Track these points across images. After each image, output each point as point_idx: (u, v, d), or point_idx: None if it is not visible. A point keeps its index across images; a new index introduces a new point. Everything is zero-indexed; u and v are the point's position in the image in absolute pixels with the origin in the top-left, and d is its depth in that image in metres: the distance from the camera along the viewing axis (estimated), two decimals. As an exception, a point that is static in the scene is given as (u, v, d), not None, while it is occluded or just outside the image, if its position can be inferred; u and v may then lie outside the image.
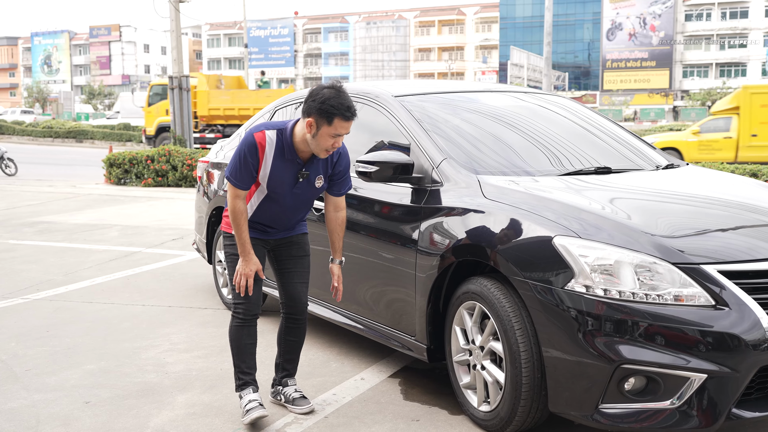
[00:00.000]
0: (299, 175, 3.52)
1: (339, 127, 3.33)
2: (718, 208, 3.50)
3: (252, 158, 3.43)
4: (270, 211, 3.62)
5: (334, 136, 3.35)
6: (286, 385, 3.84)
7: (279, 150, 3.45)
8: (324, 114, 3.31)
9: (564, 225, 3.17)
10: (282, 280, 3.79)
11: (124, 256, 7.90)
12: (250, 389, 3.65)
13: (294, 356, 3.87)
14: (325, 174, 3.62)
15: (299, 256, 3.78)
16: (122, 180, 15.70)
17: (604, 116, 4.92)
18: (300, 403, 3.75)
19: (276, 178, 3.49)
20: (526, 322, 3.19)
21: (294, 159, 3.48)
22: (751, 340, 2.88)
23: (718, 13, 74.34)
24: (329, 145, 3.39)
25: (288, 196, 3.57)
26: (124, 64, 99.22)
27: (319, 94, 3.33)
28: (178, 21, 17.25)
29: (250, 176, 3.46)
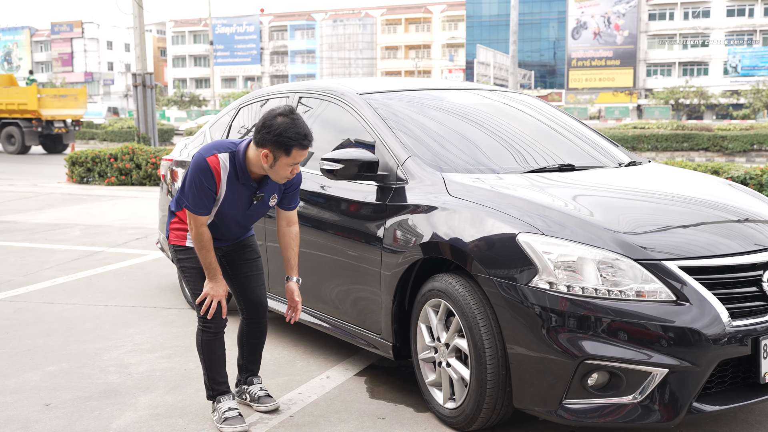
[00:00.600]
0: (254, 198, 3.43)
1: (297, 156, 3.24)
2: (679, 205, 3.54)
3: (209, 183, 3.29)
4: (218, 231, 3.52)
5: (291, 165, 3.27)
6: (251, 384, 3.81)
7: (233, 173, 3.33)
8: (281, 146, 3.20)
9: (528, 222, 3.19)
10: (240, 286, 3.70)
11: (87, 255, 7.79)
12: (229, 396, 3.59)
13: (257, 356, 3.84)
14: (279, 192, 3.55)
15: (253, 259, 3.71)
16: (85, 179, 15.49)
17: (568, 114, 4.96)
18: (265, 401, 3.72)
19: (229, 203, 3.39)
20: (491, 318, 3.20)
21: (249, 183, 3.38)
22: (711, 335, 2.92)
23: (680, 12, 75.41)
24: (287, 174, 3.30)
25: (240, 218, 3.50)
26: (87, 61, 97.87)
27: (273, 125, 3.20)
28: (141, 17, 17.06)
29: (211, 200, 3.33)
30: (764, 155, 25.76)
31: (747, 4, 73.12)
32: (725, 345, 2.94)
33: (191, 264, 3.55)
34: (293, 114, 3.25)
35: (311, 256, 4.31)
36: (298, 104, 4.79)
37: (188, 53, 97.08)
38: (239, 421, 3.49)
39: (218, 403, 3.57)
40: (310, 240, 4.29)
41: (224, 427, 3.47)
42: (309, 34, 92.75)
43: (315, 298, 4.36)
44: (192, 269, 3.55)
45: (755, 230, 3.34)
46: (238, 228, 3.60)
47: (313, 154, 4.52)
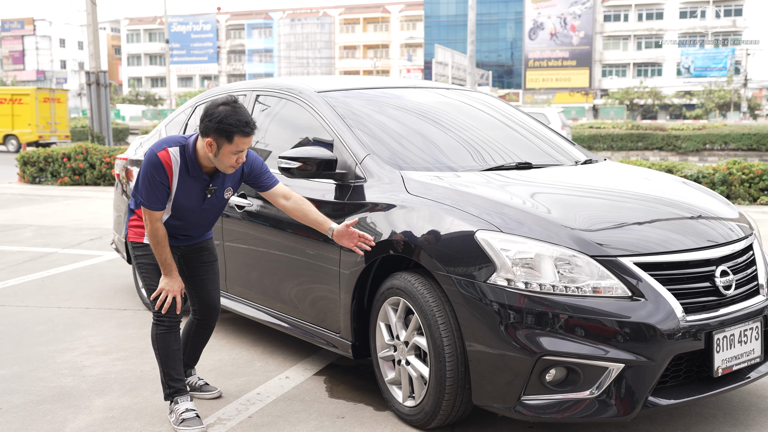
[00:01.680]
0: (207, 191, 3.43)
1: (240, 143, 3.25)
2: (634, 202, 3.58)
3: (161, 177, 3.30)
4: (176, 228, 3.53)
5: (236, 152, 3.27)
6: (189, 375, 3.88)
7: (183, 168, 3.34)
8: (223, 133, 3.21)
9: (486, 219, 3.20)
10: (196, 288, 3.72)
11: (39, 257, 7.64)
12: (186, 397, 3.54)
13: (198, 354, 3.91)
14: (234, 184, 3.54)
15: (210, 262, 3.73)
16: (37, 179, 15.19)
17: (525, 112, 4.99)
18: (207, 389, 3.83)
19: (182, 197, 3.39)
20: (450, 316, 3.20)
21: (200, 176, 3.38)
22: (666, 330, 2.96)
23: (635, 14, 76.62)
24: (233, 162, 3.30)
25: (196, 213, 3.49)
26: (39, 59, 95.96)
27: (215, 114, 3.22)
28: (95, 15, 16.77)
29: (164, 194, 3.34)
30: (716, 154, 26.30)
31: (699, 6, 74.60)
32: (679, 340, 2.99)
33: (148, 260, 3.53)
34: (235, 103, 3.28)
35: (270, 255, 4.28)
36: (255, 102, 4.75)
37: (143, 51, 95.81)
38: (197, 422, 3.45)
39: (175, 404, 3.52)
40: (269, 239, 4.26)
41: (181, 429, 3.43)
42: (267, 33, 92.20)
43: (274, 297, 4.32)
44: (149, 265, 3.54)
45: (708, 227, 3.40)
46: (198, 225, 3.59)
47: (271, 153, 4.49)
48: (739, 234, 3.47)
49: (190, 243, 3.66)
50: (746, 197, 11.01)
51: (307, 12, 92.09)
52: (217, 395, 3.84)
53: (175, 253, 3.59)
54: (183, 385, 3.57)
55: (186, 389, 3.57)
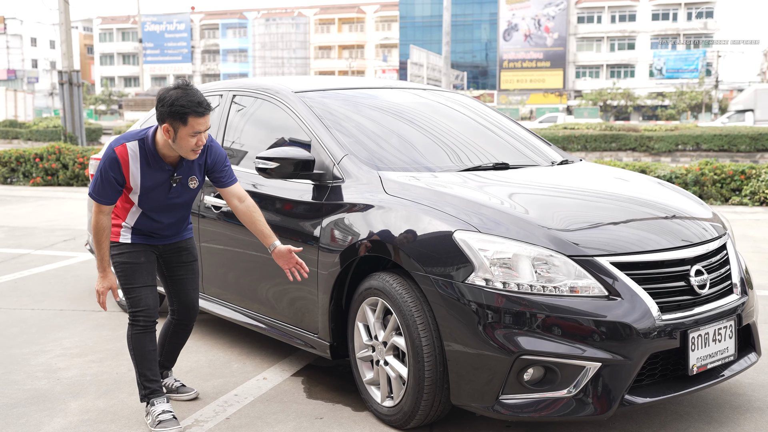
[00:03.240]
0: (171, 181, 3.40)
1: (195, 124, 3.21)
2: (610, 202, 3.62)
3: (114, 173, 3.29)
4: (150, 225, 3.51)
5: (193, 134, 3.23)
6: (166, 377, 3.85)
7: (144, 160, 3.33)
8: (176, 116, 3.19)
9: (464, 220, 3.21)
10: (174, 288, 3.70)
11: (12, 258, 7.54)
12: (163, 398, 3.52)
13: (175, 355, 3.88)
14: (200, 173, 3.51)
15: (189, 262, 3.70)
16: (8, 179, 14.99)
17: (502, 113, 5.02)
18: (183, 391, 3.80)
19: (148, 189, 3.37)
20: (428, 316, 3.21)
21: (162, 167, 3.36)
22: (641, 329, 2.99)
23: (608, 16, 77.29)
24: (193, 145, 3.26)
25: (164, 205, 3.46)
26: (10, 59, 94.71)
27: (166, 98, 3.20)
28: (67, 13, 16.59)
29: (114, 190, 3.32)
30: (688, 155, 26.60)
31: (671, 8, 75.43)
32: (655, 338, 3.02)
33: (123, 259, 3.50)
34: (187, 86, 3.27)
35: (247, 256, 4.26)
36: (232, 103, 4.73)
37: (116, 51, 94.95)
38: (173, 423, 3.42)
39: (152, 405, 3.49)
40: (246, 240, 4.24)
41: (158, 430, 3.40)
42: (241, 33, 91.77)
43: (251, 298, 4.31)
44: (124, 264, 3.50)
45: (682, 226, 3.44)
46: (170, 220, 3.54)
47: (247, 153, 4.47)
48: (713, 234, 3.51)
49: (169, 242, 3.62)
50: (718, 197, 11.15)
51: (282, 12, 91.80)
52: (193, 396, 3.82)
53: (154, 252, 3.57)
54: (159, 386, 3.54)
55: (162, 390, 3.55)
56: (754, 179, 11.11)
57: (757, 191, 11.01)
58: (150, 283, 3.52)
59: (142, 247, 3.52)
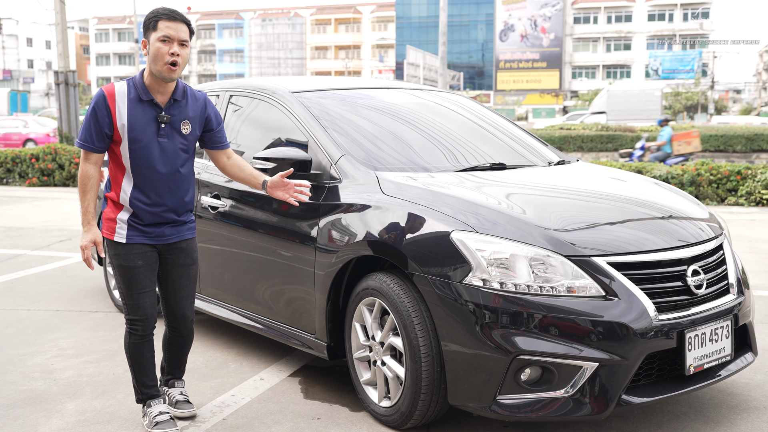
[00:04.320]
0: (159, 120, 3.25)
1: (166, 28, 3.17)
2: (607, 203, 3.62)
3: (101, 111, 3.20)
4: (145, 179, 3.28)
5: (164, 40, 3.17)
6: (173, 386, 3.68)
7: (133, 96, 3.24)
8: (149, 24, 3.20)
9: (461, 220, 3.21)
10: (166, 293, 3.50)
11: (8, 259, 7.53)
12: (159, 400, 3.49)
13: (180, 362, 3.69)
14: (196, 122, 3.37)
15: (186, 265, 3.49)
16: (4, 180, 14.98)
17: (498, 113, 5.03)
18: (182, 407, 3.59)
19: (136, 127, 3.22)
20: (426, 316, 3.21)
21: (150, 100, 3.24)
22: (638, 329, 3.00)
23: (604, 16, 77.38)
24: (166, 54, 3.16)
25: (155, 149, 3.26)
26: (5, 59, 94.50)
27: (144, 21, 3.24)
28: (63, 14, 16.56)
29: (100, 134, 3.21)
30: (684, 155, 26.61)
31: (667, 9, 75.55)
32: (652, 338, 3.03)
33: (119, 262, 3.34)
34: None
35: (243, 256, 4.26)
36: (228, 103, 4.73)
37: (112, 51, 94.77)
38: (171, 425, 3.40)
39: (149, 407, 3.46)
40: (242, 240, 4.24)
41: (155, 430, 3.39)
42: (237, 33, 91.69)
43: (248, 299, 4.30)
44: (120, 267, 3.34)
45: (679, 227, 3.45)
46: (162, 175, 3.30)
47: (244, 153, 4.47)
48: (710, 234, 3.52)
49: (168, 241, 3.40)
50: (714, 198, 11.18)
51: (279, 12, 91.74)
52: (189, 414, 3.59)
53: (153, 253, 3.39)
54: (156, 390, 3.51)
55: (159, 393, 3.52)
56: (750, 179, 11.14)
57: (753, 191, 11.03)
58: (148, 288, 3.37)
59: (140, 249, 3.33)
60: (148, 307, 3.38)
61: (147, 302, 3.37)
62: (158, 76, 3.22)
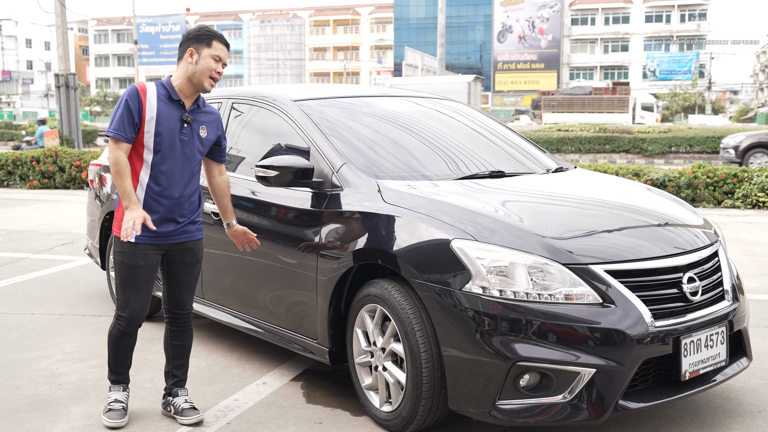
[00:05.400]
0: (183, 119, 3.53)
1: (218, 49, 3.51)
2: (604, 210, 3.68)
3: (133, 103, 3.44)
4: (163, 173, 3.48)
5: (215, 59, 3.50)
6: (177, 395, 3.75)
7: (161, 95, 3.50)
8: (203, 38, 3.50)
9: (461, 228, 3.27)
10: (170, 287, 3.71)
11: (10, 262, 7.58)
12: (119, 387, 3.73)
13: (183, 361, 3.80)
14: (209, 126, 3.64)
15: (191, 264, 3.69)
16: (5, 182, 15.02)
17: (497, 120, 5.09)
18: (188, 414, 3.66)
19: (163, 122, 3.47)
20: (426, 323, 3.27)
21: (178, 100, 3.52)
22: (635, 335, 3.06)
23: (602, 17, 77.48)
24: (212, 69, 3.49)
25: (176, 145, 3.50)
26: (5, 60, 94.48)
27: (191, 31, 3.56)
28: (64, 17, 16.62)
29: (132, 124, 3.43)
30: (681, 157, 26.71)
31: (664, 10, 75.65)
32: (648, 345, 3.09)
33: (122, 259, 3.52)
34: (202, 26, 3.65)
35: (246, 262, 4.32)
36: (231, 110, 4.79)
37: (111, 52, 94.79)
38: (119, 414, 3.63)
39: (110, 391, 3.73)
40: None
41: (104, 417, 3.63)
42: (236, 35, 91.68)
43: (250, 303, 4.36)
44: (122, 264, 3.53)
45: (675, 234, 3.51)
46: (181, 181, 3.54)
47: (245, 159, 4.53)
48: (705, 241, 3.58)
49: (176, 241, 3.56)
50: (711, 200, 11.24)
51: (277, 14, 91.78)
52: (196, 420, 3.64)
53: (158, 253, 3.55)
54: (123, 378, 3.74)
55: (125, 381, 3.75)
56: (746, 182, 11.21)
57: (749, 194, 11.10)
58: (142, 289, 3.54)
59: (145, 250, 3.48)
60: (137, 308, 3.57)
61: (137, 303, 3.56)
62: (198, 85, 3.52)
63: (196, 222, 3.67)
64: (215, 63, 3.50)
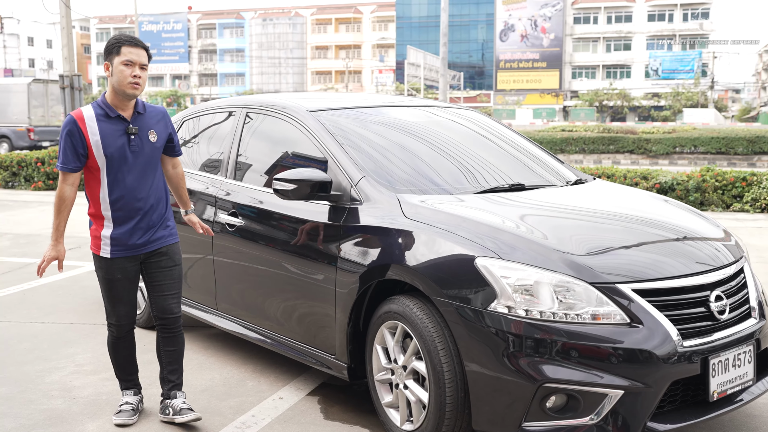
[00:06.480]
0: (128, 132, 3.56)
1: (127, 53, 3.49)
2: (628, 225, 3.62)
3: (73, 133, 3.49)
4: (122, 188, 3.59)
5: (126, 63, 3.48)
6: (174, 398, 3.82)
7: (101, 115, 3.54)
8: (112, 49, 3.51)
9: (486, 246, 3.22)
10: (152, 293, 3.82)
11: (18, 268, 7.54)
12: (131, 392, 3.90)
13: (177, 366, 3.88)
14: (159, 130, 3.69)
15: (168, 268, 3.79)
16: (10, 183, 14.98)
17: (515, 131, 5.03)
18: (186, 413, 3.76)
19: (109, 142, 3.52)
20: (449, 341, 3.22)
21: (117, 115, 3.55)
22: (663, 356, 3.01)
23: (604, 16, 77.36)
24: (129, 76, 3.49)
25: (128, 158, 3.57)
26: (7, 58, 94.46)
27: (105, 47, 3.58)
28: (68, 17, 16.56)
29: (75, 153, 3.51)
30: (686, 158, 26.67)
31: (667, 9, 75.53)
32: (677, 365, 3.04)
33: (101, 274, 3.72)
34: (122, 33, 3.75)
35: (260, 274, 4.26)
36: (245, 119, 4.74)
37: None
38: (128, 415, 3.79)
39: (122, 395, 3.91)
40: (260, 258, 4.24)
41: (114, 417, 3.79)
42: (238, 33, 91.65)
43: (264, 316, 4.31)
44: (102, 279, 3.72)
45: (702, 251, 3.46)
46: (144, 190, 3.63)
47: (260, 169, 4.49)
48: (731, 257, 3.53)
49: (149, 250, 3.71)
50: (719, 204, 11.19)
51: (279, 12, 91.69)
52: (193, 418, 3.73)
53: (134, 265, 3.72)
54: (130, 384, 3.91)
55: (132, 386, 3.91)
56: (755, 186, 11.16)
57: (758, 198, 11.05)
58: (124, 298, 3.74)
59: (121, 263, 3.66)
60: (123, 315, 3.78)
61: (122, 311, 3.77)
62: (121, 94, 3.53)
63: (168, 227, 3.79)
64: (129, 68, 3.49)
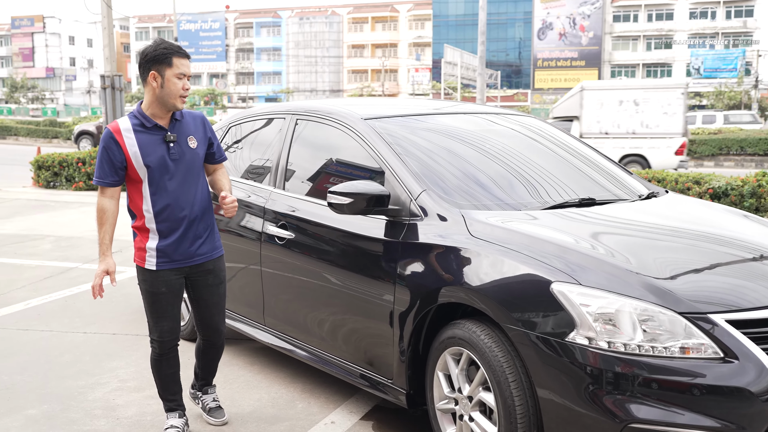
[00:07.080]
0: (167, 140, 3.46)
1: (180, 65, 3.39)
2: (713, 246, 3.33)
3: (111, 147, 3.40)
4: (166, 197, 3.48)
5: (179, 77, 3.39)
6: (206, 393, 3.98)
7: (137, 126, 3.44)
8: (161, 59, 3.37)
9: (561, 269, 2.96)
10: (199, 311, 3.77)
11: (60, 272, 7.43)
12: (175, 414, 3.75)
13: (211, 369, 3.96)
14: (197, 135, 3.58)
15: (215, 285, 3.73)
16: (52, 183, 15.00)
17: (578, 139, 4.75)
18: (216, 415, 3.89)
19: (148, 151, 3.43)
20: (521, 372, 2.97)
21: (154, 125, 3.45)
22: (760, 394, 2.73)
23: (644, 14, 76.17)
24: (180, 89, 3.41)
25: (169, 166, 3.47)
26: (48, 57, 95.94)
27: (145, 51, 3.41)
28: (109, 18, 16.56)
29: (113, 169, 3.42)
30: (732, 159, 26.03)
31: (710, 7, 74.13)
32: (775, 404, 2.75)
33: (145, 287, 3.58)
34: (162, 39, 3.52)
35: (311, 289, 4.05)
36: (295, 125, 4.53)
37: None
38: None
39: (167, 418, 3.76)
40: (311, 272, 4.03)
41: None
42: (275, 32, 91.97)
43: (312, 333, 4.10)
44: (146, 292, 3.59)
45: (796, 276, 3.16)
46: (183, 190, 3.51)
47: (295, 173, 4.31)
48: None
49: (196, 263, 3.60)
50: (777, 211, 10.75)
51: (316, 11, 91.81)
52: (222, 422, 3.88)
53: (180, 277, 3.60)
54: (176, 405, 3.76)
55: (179, 407, 3.77)
56: (815, 192, 10.69)
57: (818, 205, 10.58)
58: (169, 313, 3.60)
59: (166, 276, 3.54)
60: (166, 331, 3.63)
61: (165, 326, 3.62)
62: (169, 106, 3.43)
63: (214, 240, 3.70)
64: (181, 80, 3.41)
